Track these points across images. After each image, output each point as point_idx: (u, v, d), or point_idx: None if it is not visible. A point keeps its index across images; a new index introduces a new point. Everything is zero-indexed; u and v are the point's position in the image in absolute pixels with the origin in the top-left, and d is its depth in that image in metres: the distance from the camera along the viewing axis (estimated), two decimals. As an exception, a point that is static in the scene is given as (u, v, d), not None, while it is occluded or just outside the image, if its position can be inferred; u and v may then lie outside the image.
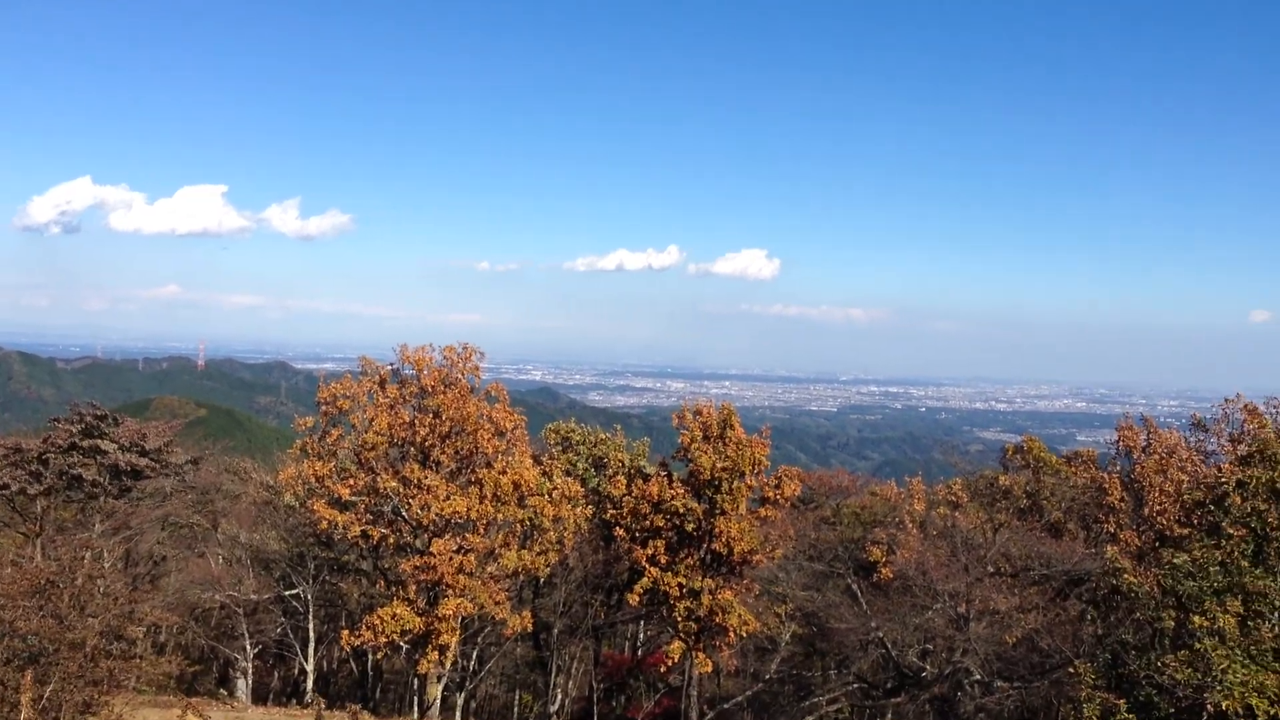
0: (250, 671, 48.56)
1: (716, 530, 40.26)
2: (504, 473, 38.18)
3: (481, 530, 38.28)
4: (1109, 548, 37.75)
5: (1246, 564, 29.28)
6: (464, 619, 39.56)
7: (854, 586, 45.27)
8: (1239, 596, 28.22)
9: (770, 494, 42.00)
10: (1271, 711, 24.44)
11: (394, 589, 39.23)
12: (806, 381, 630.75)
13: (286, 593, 47.75)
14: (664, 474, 42.57)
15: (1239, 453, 36.09)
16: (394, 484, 37.46)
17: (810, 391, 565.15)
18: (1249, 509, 29.89)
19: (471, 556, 37.14)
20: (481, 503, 37.48)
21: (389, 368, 40.00)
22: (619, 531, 42.59)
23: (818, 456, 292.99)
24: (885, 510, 51.85)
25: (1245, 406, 42.02)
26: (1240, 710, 24.43)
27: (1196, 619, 27.13)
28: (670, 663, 42.85)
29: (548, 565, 40.36)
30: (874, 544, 47.56)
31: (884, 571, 45.47)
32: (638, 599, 41.73)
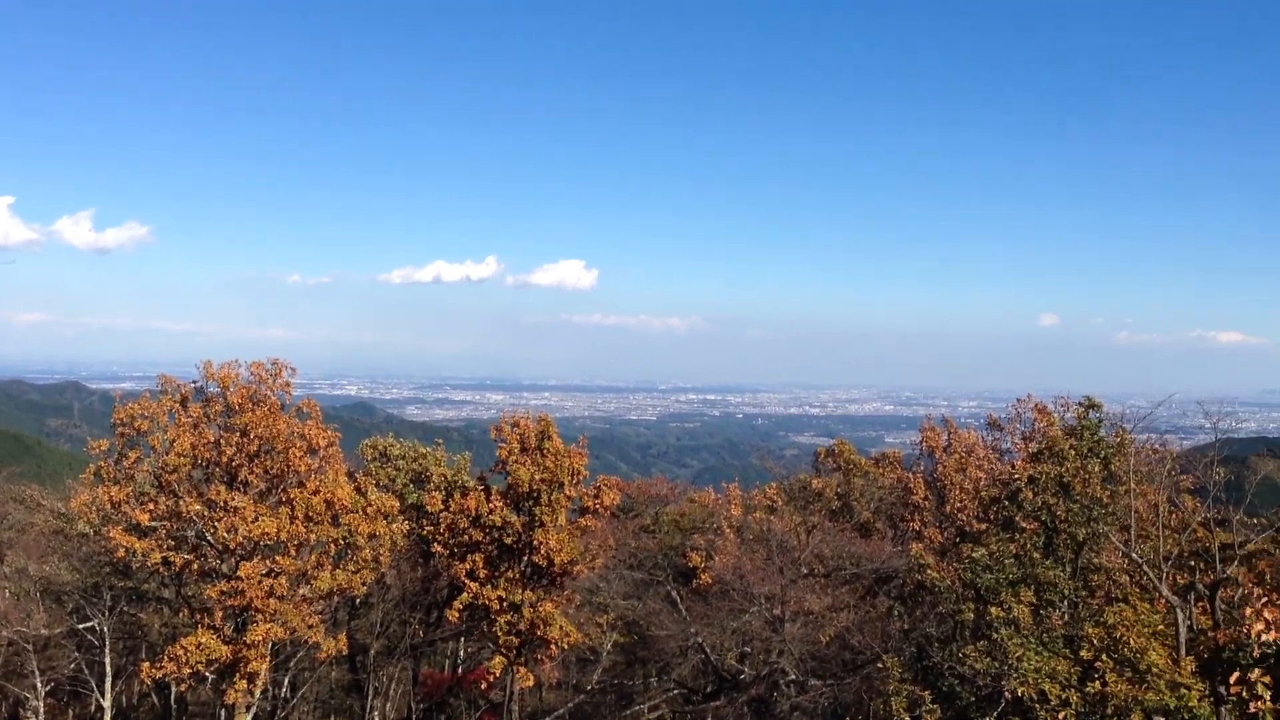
0: (42, 711, 45.50)
1: (536, 542, 40.04)
2: (317, 491, 36.98)
3: (293, 551, 36.95)
4: (914, 545, 39.30)
5: (1038, 556, 30.94)
6: (275, 644, 38.11)
7: (674, 593, 45.71)
8: (1032, 587, 29.78)
9: (590, 504, 42.07)
10: (1063, 695, 25.80)
11: (199, 617, 37.44)
12: (626, 391, 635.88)
13: (80, 626, 44.96)
14: (482, 488, 42.10)
15: (1030, 450, 38.08)
16: (198, 507, 35.78)
17: (630, 401, 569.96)
18: (1040, 503, 31.55)
19: (283, 579, 35.82)
20: (293, 523, 36.19)
21: (192, 386, 38.18)
22: (437, 547, 41.87)
23: (638, 465, 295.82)
24: (704, 516, 52.63)
25: (1036, 406, 44.50)
26: (1034, 695, 25.69)
27: (994, 610, 28.47)
28: (492, 678, 42.37)
29: (364, 585, 39.29)
30: (693, 550, 48.19)
31: (703, 577, 46.11)
32: (457, 615, 41.12)
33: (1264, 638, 19.93)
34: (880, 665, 30.84)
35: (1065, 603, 30.41)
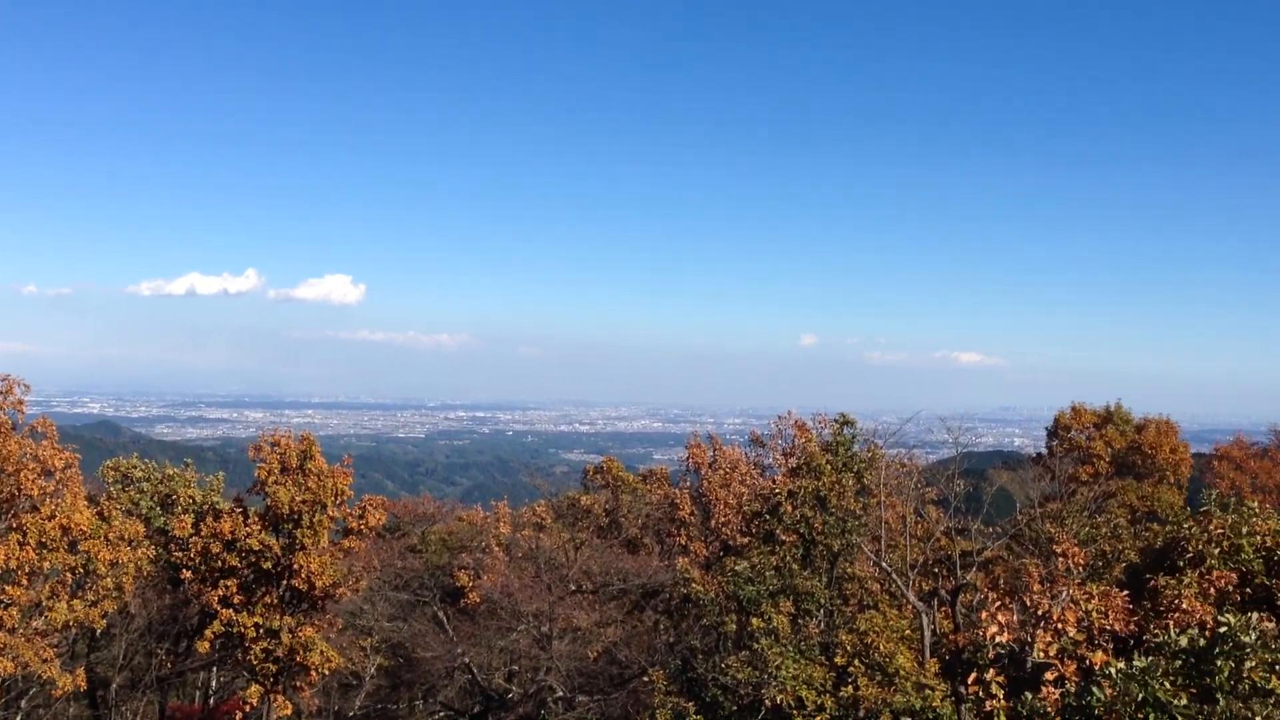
0: None
1: (297, 566, 38.47)
2: (52, 516, 34.40)
3: (24, 581, 34.21)
4: (680, 559, 40.02)
5: (797, 567, 32.09)
6: (4, 680, 35.12)
7: (440, 613, 44.91)
8: (791, 597, 30.85)
9: (354, 524, 40.80)
10: (819, 700, 26.79)
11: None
12: (394, 408, 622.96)
13: None
14: (239, 510, 40.14)
15: (790, 465, 39.49)
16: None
17: (398, 418, 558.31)
18: (799, 516, 32.75)
19: (13, 610, 33.12)
20: (23, 550, 33.50)
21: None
22: (187, 573, 39.60)
23: (406, 484, 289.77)
24: (472, 535, 52.03)
25: (795, 423, 46.20)
26: (792, 702, 26.56)
27: (755, 621, 29.30)
28: (247, 709, 40.40)
29: (104, 615, 36.77)
30: (461, 569, 47.51)
31: (471, 596, 45.51)
32: (209, 644, 39.01)
33: (998, 640, 21.31)
34: (647, 679, 31.20)
35: (822, 611, 31.62)
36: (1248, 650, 16.54)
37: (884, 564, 33.16)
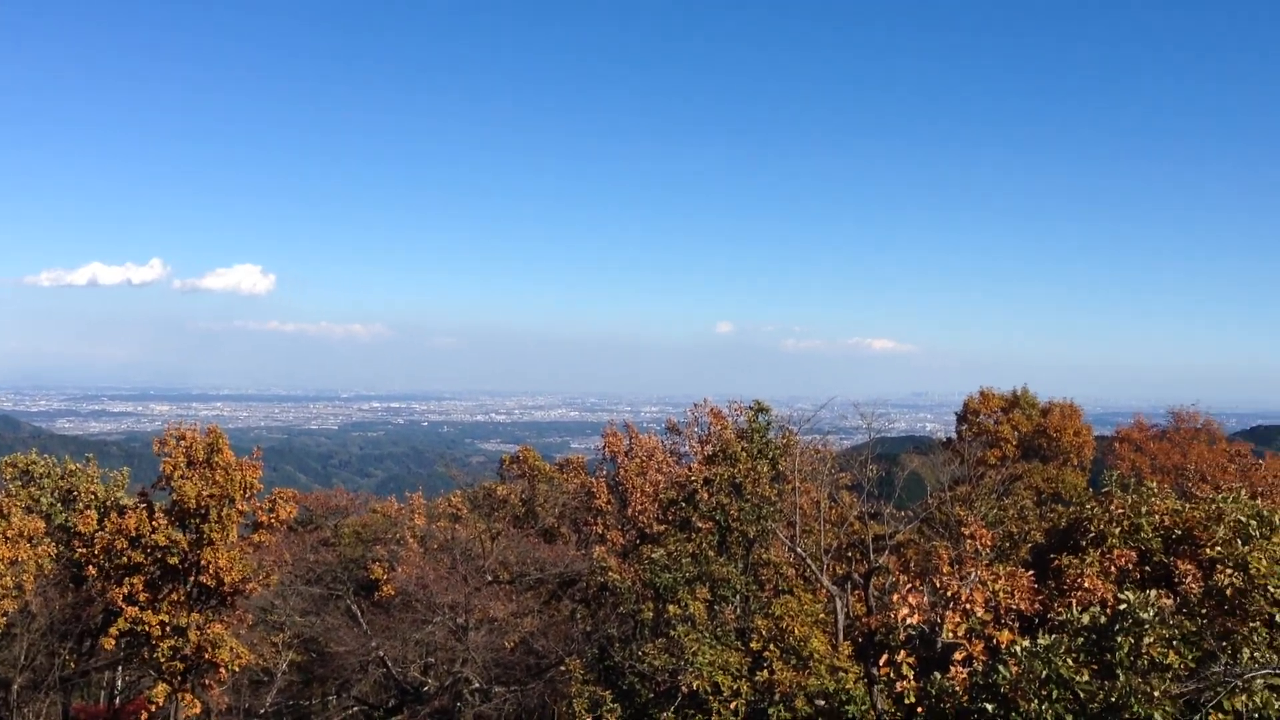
0: None
1: (204, 562, 37.71)
2: (-56, 514, 33.22)
3: (-85, 582, 33.01)
4: (597, 548, 39.98)
5: (713, 554, 32.26)
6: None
7: (354, 607, 44.31)
8: (707, 584, 31.00)
9: (264, 518, 40.11)
10: (735, 686, 26.97)
11: None
12: (306, 400, 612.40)
13: None
14: (144, 505, 39.17)
15: (706, 452, 39.67)
16: None
17: (310, 410, 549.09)
18: (714, 503, 32.91)
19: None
20: (-86, 550, 32.32)
21: None
22: (91, 571, 38.56)
23: (319, 476, 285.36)
24: (387, 527, 51.42)
25: (711, 410, 46.43)
26: (709, 688, 26.70)
27: (672, 608, 29.41)
28: (154, 708, 39.52)
29: (4, 615, 35.61)
30: (375, 561, 46.94)
31: (385, 589, 44.97)
32: (114, 642, 38.06)
33: (909, 621, 21.69)
34: (564, 668, 31.14)
35: (738, 597, 31.84)
36: (1146, 627, 17.04)
37: (799, 549, 33.50)
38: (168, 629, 37.39)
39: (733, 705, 26.55)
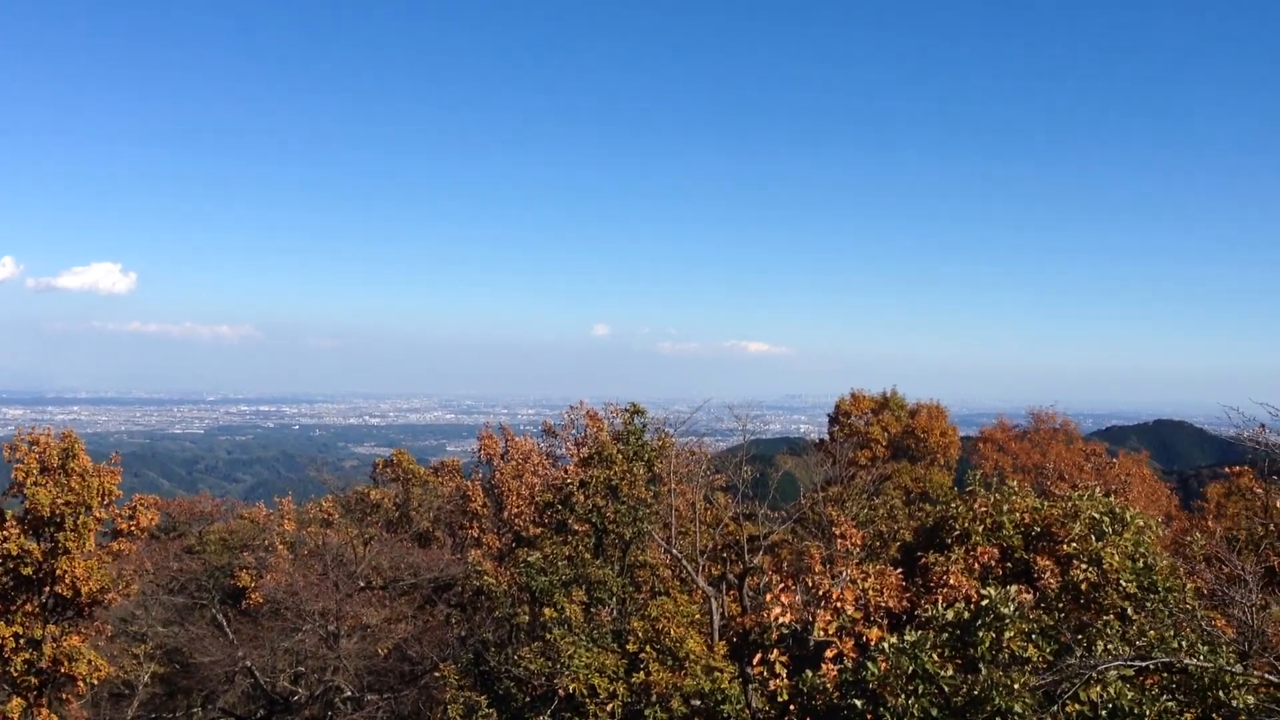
0: None
1: (60, 571, 36.07)
2: None
3: None
4: (473, 552, 39.65)
5: (589, 556, 32.21)
6: None
7: (220, 616, 43.02)
8: (584, 586, 30.94)
9: (124, 526, 38.61)
10: (611, 688, 26.97)
11: None
12: (170, 403, 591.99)
13: None
14: (-7, 513, 37.29)
15: (582, 454, 39.63)
16: None
17: (174, 413, 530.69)
18: (590, 505, 32.85)
19: None
20: None
21: None
22: (-66, 583, 36.53)
23: (184, 482, 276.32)
24: (255, 533, 50.07)
25: (588, 412, 46.46)
26: (585, 690, 26.65)
27: (548, 611, 29.26)
28: (5, 726, 37.58)
29: None
30: (242, 569, 45.67)
31: (253, 596, 43.80)
32: (-39, 658, 36.11)
33: (781, 621, 22.03)
34: (438, 674, 30.73)
35: (614, 599, 31.84)
36: (1007, 621, 17.60)
37: (675, 550, 33.69)
38: (21, 642, 35.69)
39: (609, 707, 26.55)
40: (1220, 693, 16.67)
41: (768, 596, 23.04)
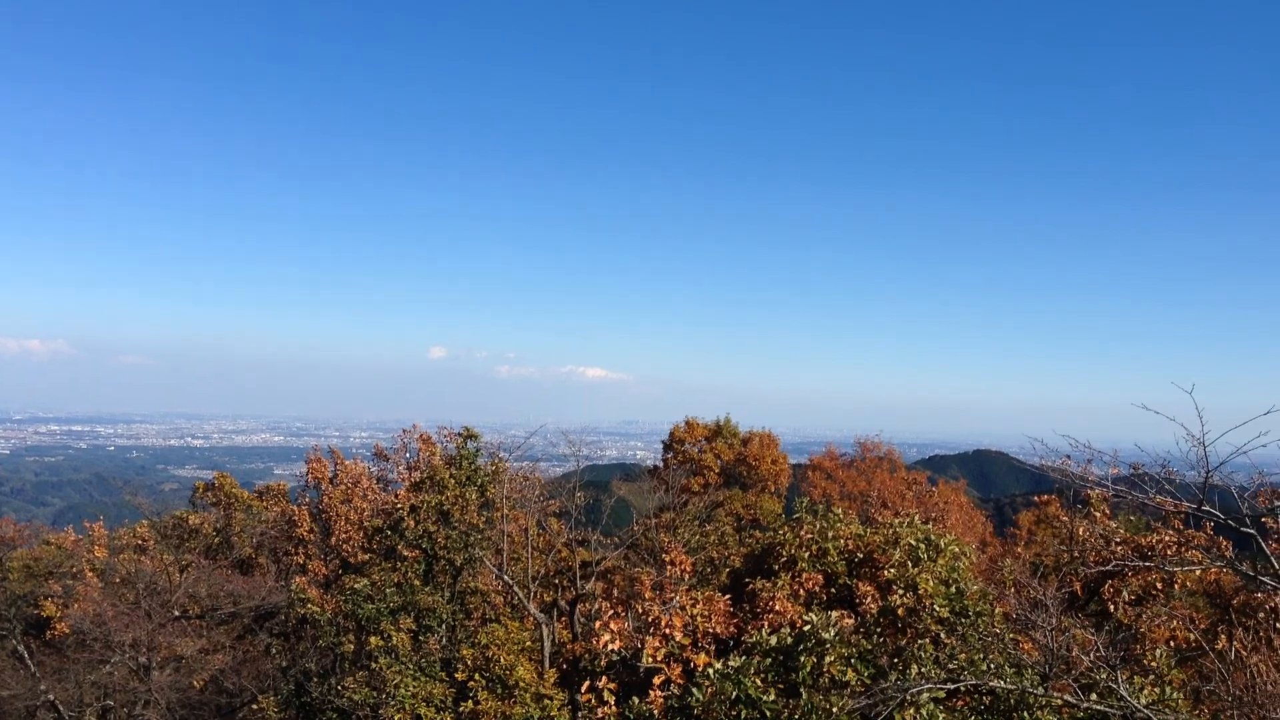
0: None
1: None
2: None
3: None
4: (297, 579, 38.44)
5: (419, 583, 31.69)
6: None
7: (21, 647, 40.48)
8: (412, 614, 30.41)
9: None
10: (438, 718, 26.55)
11: None
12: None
13: None
14: None
15: (414, 479, 38.99)
16: None
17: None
18: (421, 531, 32.36)
19: None
20: None
21: None
22: None
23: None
24: (62, 560, 47.34)
25: (421, 436, 45.73)
26: (411, 720, 26.17)
27: (374, 640, 28.64)
28: None
29: None
30: (47, 598, 43.13)
31: (59, 627, 41.41)
32: None
33: (610, 648, 22.06)
34: (256, 706, 29.66)
35: (444, 627, 31.39)
36: (828, 646, 18.06)
37: (506, 577, 33.43)
38: None
39: (435, 738, 26.11)
40: (1024, 713, 17.47)
41: (598, 624, 23.04)
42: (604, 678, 20.93)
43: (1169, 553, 26.90)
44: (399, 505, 33.81)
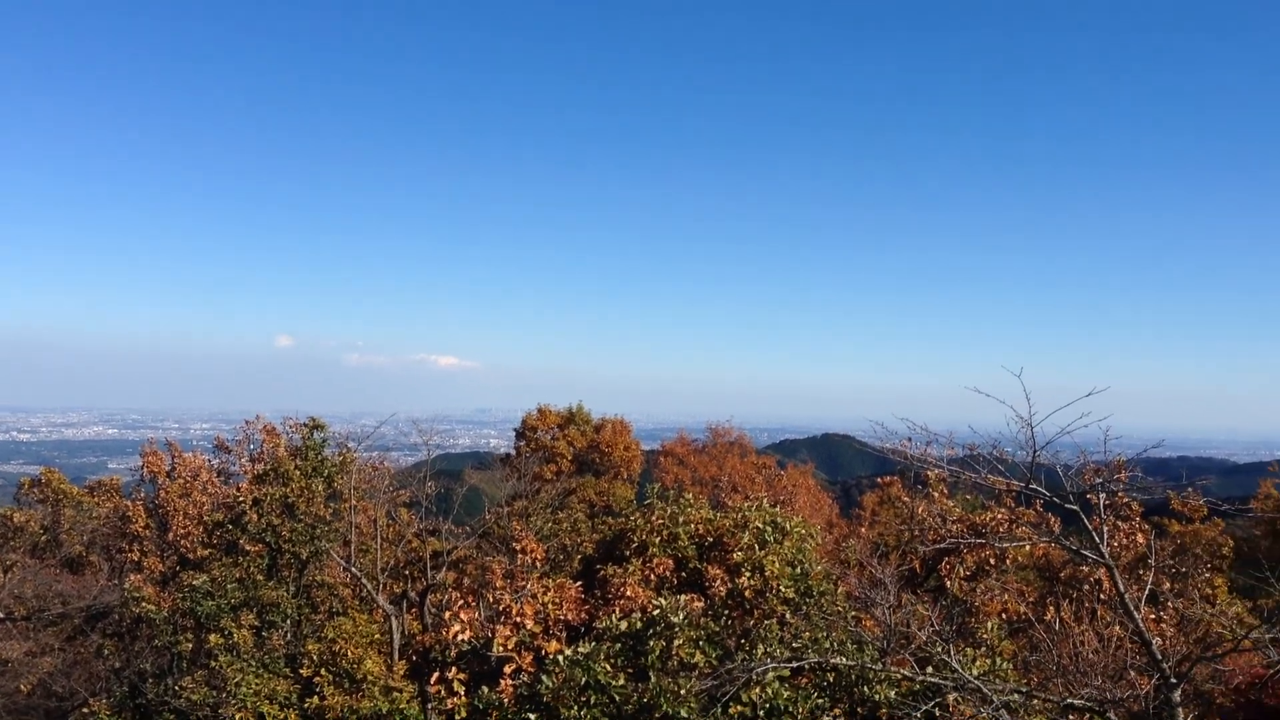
0: None
1: None
2: None
3: None
4: (132, 576, 36.93)
5: (262, 578, 30.81)
6: None
7: None
8: (255, 610, 29.54)
9: None
10: (282, 715, 25.87)
11: None
12: None
13: None
14: None
15: (257, 471, 37.86)
16: None
17: None
18: (265, 525, 31.44)
19: None
20: None
21: None
22: None
23: None
24: None
25: (265, 427, 44.43)
26: (253, 718, 25.42)
27: (214, 637, 27.73)
28: None
29: None
30: None
31: None
32: None
33: (460, 638, 21.83)
34: (87, 710, 28.40)
35: (288, 622, 30.61)
36: (677, 629, 18.25)
37: (354, 569, 32.81)
38: None
39: (279, 736, 25.45)
40: (865, 688, 17.99)
41: (448, 614, 22.77)
42: (454, 668, 20.68)
43: (1001, 530, 28.08)
44: (241, 498, 32.76)
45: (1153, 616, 25.30)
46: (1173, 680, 13.75)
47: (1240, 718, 18.81)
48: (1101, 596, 27.80)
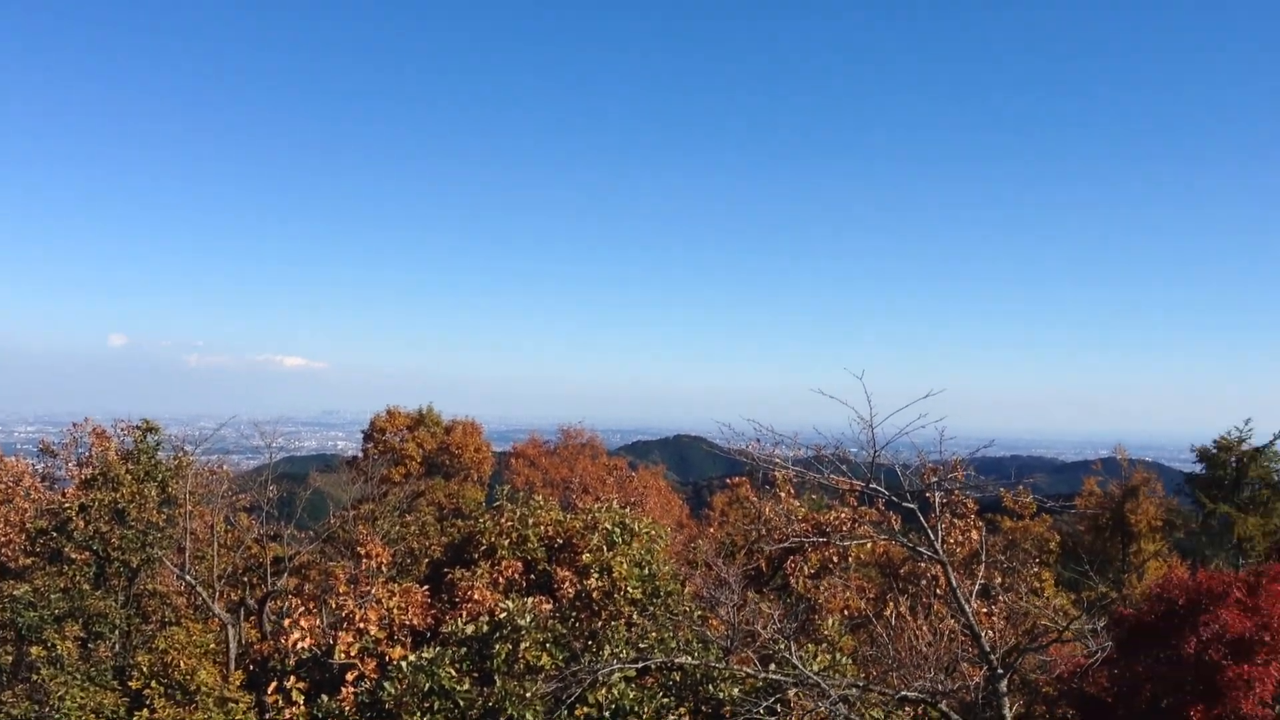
0: None
1: None
2: None
3: None
4: (-55, 589, 34.74)
5: (89, 587, 29.41)
6: None
7: None
8: (80, 620, 28.18)
9: None
10: (108, 728, 24.74)
11: None
12: None
13: None
14: None
15: (84, 476, 36.13)
16: None
17: None
18: (92, 532, 30.03)
19: None
20: None
21: None
22: None
23: None
24: None
25: (94, 430, 42.33)
26: (78, 734, 24.25)
27: (35, 650, 26.39)
28: None
29: None
30: None
31: None
32: None
33: (300, 645, 21.26)
34: (-107, 732, 26.61)
35: (117, 633, 29.31)
36: (524, 632, 18.12)
37: (189, 577, 31.60)
38: None
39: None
40: (710, 686, 18.18)
41: (288, 621, 22.13)
42: (293, 677, 20.10)
43: (844, 528, 28.79)
44: (67, 504, 31.17)
45: (984, 610, 26.29)
46: (1000, 671, 14.30)
47: (1063, 705, 19.71)
48: (938, 592, 28.77)
